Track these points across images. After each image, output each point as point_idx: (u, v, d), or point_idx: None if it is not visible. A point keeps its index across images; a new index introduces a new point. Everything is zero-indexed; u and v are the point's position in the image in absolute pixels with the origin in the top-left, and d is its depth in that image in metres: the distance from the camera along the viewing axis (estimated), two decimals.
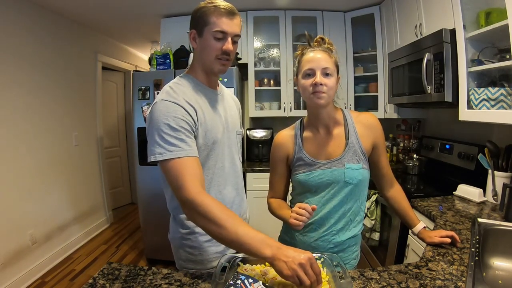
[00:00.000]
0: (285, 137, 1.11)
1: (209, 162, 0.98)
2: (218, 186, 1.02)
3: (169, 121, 0.85)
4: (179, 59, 2.59)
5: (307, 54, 0.98)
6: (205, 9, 0.91)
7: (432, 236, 1.04)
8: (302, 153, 1.05)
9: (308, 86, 0.96)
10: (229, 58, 0.96)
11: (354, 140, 1.02)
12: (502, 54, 1.36)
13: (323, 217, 1.04)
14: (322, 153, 1.04)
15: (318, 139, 1.05)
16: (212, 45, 0.92)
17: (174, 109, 0.87)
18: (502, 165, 1.50)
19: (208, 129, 0.94)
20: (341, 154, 1.02)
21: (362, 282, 0.80)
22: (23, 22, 2.37)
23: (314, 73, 0.95)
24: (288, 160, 1.09)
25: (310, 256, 0.67)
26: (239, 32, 0.95)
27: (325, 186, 1.02)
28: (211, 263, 1.01)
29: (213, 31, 0.90)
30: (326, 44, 1.01)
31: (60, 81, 2.80)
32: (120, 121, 4.30)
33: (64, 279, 2.42)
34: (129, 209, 4.18)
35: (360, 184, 1.02)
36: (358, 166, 1.01)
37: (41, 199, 2.53)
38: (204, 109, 0.95)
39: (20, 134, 2.34)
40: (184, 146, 0.85)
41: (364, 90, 2.86)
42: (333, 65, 0.97)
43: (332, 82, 0.95)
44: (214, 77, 1.04)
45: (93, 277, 0.84)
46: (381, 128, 1.07)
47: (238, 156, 1.13)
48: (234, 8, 0.93)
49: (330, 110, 1.03)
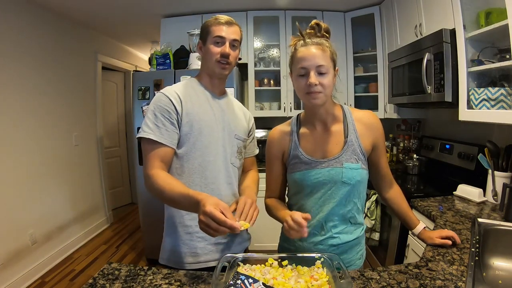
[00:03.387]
0: (280, 133, 1.06)
1: (197, 151, 1.04)
2: (206, 179, 1.06)
3: (154, 109, 1.00)
4: (179, 59, 2.59)
5: (299, 50, 0.91)
6: (208, 22, 1.06)
7: (432, 237, 1.02)
8: (298, 150, 1.00)
9: (302, 87, 0.91)
10: (229, 62, 1.06)
11: (353, 138, 0.97)
12: (502, 54, 1.36)
13: (321, 221, 0.99)
14: (319, 151, 0.99)
15: (315, 136, 1.00)
16: (212, 50, 1.04)
17: (161, 99, 1.01)
18: (502, 165, 1.50)
19: (195, 119, 1.03)
20: (339, 152, 0.97)
21: (362, 282, 0.80)
22: (23, 23, 2.37)
23: (307, 73, 0.89)
24: (284, 157, 1.05)
25: (206, 211, 0.72)
26: (237, 38, 1.06)
27: (321, 187, 0.97)
28: (188, 258, 1.07)
29: (212, 37, 1.04)
30: (322, 31, 0.93)
31: (60, 81, 2.80)
32: (120, 121, 4.29)
33: (64, 279, 2.41)
34: (129, 209, 4.18)
35: (359, 185, 0.98)
36: (357, 165, 0.96)
37: (41, 199, 2.53)
38: (195, 102, 1.06)
39: (20, 134, 2.34)
40: (157, 131, 0.98)
41: (364, 90, 2.86)
42: (329, 60, 0.90)
43: (327, 80, 0.89)
44: (218, 81, 1.12)
45: (93, 277, 0.84)
46: (381, 128, 1.02)
47: (231, 158, 1.12)
48: (232, 20, 1.07)
49: (328, 106, 0.98)
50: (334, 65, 0.93)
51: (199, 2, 2.63)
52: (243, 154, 1.21)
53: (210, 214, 0.72)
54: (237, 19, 1.10)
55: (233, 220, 0.73)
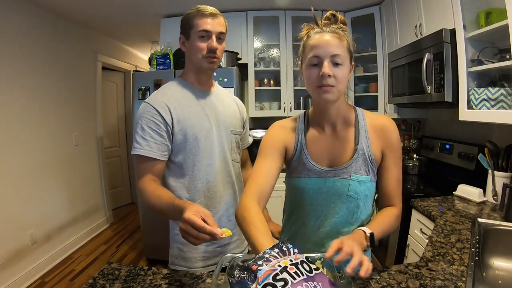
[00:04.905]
0: (286, 127, 0.92)
1: (193, 157, 1.02)
2: (207, 183, 1.04)
3: (141, 121, 0.98)
4: (179, 59, 2.59)
5: (313, 37, 0.79)
6: (190, 15, 1.01)
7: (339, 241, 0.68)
8: (304, 153, 0.88)
9: (313, 78, 0.78)
10: (216, 56, 1.02)
11: (364, 146, 0.85)
12: (502, 54, 1.36)
13: (321, 237, 0.89)
14: (326, 157, 0.87)
15: (323, 140, 0.88)
16: (198, 45, 0.99)
17: (147, 110, 0.98)
18: (502, 165, 1.50)
19: (187, 125, 1.00)
20: (348, 161, 0.85)
21: (362, 282, 0.80)
22: (23, 23, 2.37)
23: (321, 62, 0.77)
24: (287, 154, 0.91)
25: (185, 218, 0.70)
26: (222, 30, 1.02)
27: (323, 199, 0.86)
28: (199, 262, 1.06)
29: (197, 31, 0.99)
30: (338, 23, 0.81)
31: (60, 81, 2.80)
32: (120, 121, 4.29)
33: (64, 279, 2.41)
34: (129, 209, 4.18)
35: (366, 199, 0.86)
36: (367, 178, 0.84)
37: (41, 199, 2.53)
38: (185, 106, 1.02)
39: (20, 134, 2.34)
40: (145, 145, 0.96)
41: (364, 90, 2.86)
42: (345, 51, 0.78)
43: (343, 73, 0.77)
44: (205, 77, 1.08)
45: (93, 277, 0.84)
46: (397, 138, 0.88)
47: (232, 155, 1.11)
48: (216, 10, 1.01)
49: (340, 106, 0.85)
50: (350, 58, 0.81)
51: (199, 2, 2.62)
52: (241, 147, 1.20)
53: (189, 221, 0.69)
54: (237, 19, 1.10)
55: (214, 226, 0.70)
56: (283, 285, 0.54)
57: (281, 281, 0.55)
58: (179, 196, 1.03)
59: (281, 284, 0.55)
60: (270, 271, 0.56)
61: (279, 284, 0.54)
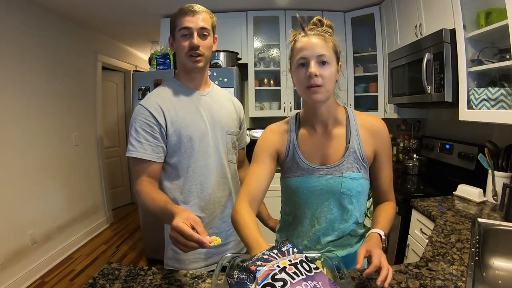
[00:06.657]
0: (278, 130, 0.96)
1: (188, 159, 1.01)
2: (201, 185, 1.04)
3: (135, 124, 0.98)
4: None
5: (300, 41, 0.84)
6: (174, 15, 1.00)
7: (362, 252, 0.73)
8: (297, 153, 0.91)
9: (302, 79, 0.82)
10: (200, 53, 0.99)
11: (355, 144, 0.88)
12: (502, 54, 1.36)
13: (318, 234, 0.91)
14: (318, 156, 0.90)
15: (314, 139, 0.91)
16: (180, 44, 0.99)
17: (140, 112, 0.98)
18: (502, 165, 1.50)
19: (182, 127, 1.00)
20: (339, 159, 0.88)
21: (362, 282, 0.80)
22: (23, 23, 2.37)
23: (307, 63, 0.81)
24: (280, 157, 0.94)
25: (174, 226, 0.69)
26: (205, 25, 0.99)
27: (317, 196, 0.89)
28: (193, 264, 1.05)
29: (179, 30, 0.98)
30: (324, 27, 0.86)
31: (60, 81, 2.80)
32: (120, 121, 4.29)
33: (64, 279, 2.42)
34: (129, 209, 4.18)
35: (359, 196, 0.89)
36: (358, 175, 0.87)
37: (41, 199, 2.53)
38: (179, 107, 1.01)
39: (20, 134, 2.34)
40: (140, 148, 0.96)
41: (364, 90, 2.86)
42: (331, 51, 0.82)
43: (329, 72, 0.81)
44: (198, 76, 1.06)
45: (93, 277, 0.84)
46: (387, 137, 0.92)
47: (228, 156, 1.10)
48: (201, 7, 1.00)
49: (330, 105, 0.89)
50: (337, 58, 0.85)
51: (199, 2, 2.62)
52: (237, 147, 1.19)
53: (177, 228, 0.68)
54: (237, 19, 1.09)
55: (203, 234, 0.69)
56: (282, 285, 0.55)
57: (280, 281, 0.55)
58: (173, 197, 1.02)
59: (280, 284, 0.55)
60: (269, 271, 0.57)
61: (278, 284, 0.55)
